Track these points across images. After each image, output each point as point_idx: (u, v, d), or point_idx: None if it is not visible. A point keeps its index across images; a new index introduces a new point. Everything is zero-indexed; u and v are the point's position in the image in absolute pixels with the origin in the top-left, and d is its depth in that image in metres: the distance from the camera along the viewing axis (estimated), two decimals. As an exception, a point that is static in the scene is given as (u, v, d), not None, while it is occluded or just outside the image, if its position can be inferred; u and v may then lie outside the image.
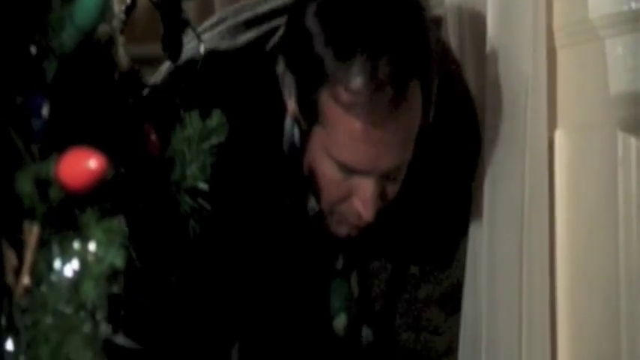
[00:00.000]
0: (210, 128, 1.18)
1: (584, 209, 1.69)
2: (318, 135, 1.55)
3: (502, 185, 1.73)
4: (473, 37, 1.78)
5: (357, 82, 1.46)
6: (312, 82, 1.51)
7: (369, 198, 1.56)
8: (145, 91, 1.27)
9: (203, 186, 1.15)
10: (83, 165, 0.95)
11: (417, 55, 1.50)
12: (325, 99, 1.50)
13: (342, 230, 1.64)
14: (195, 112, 1.20)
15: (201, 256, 1.57)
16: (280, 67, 1.57)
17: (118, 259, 0.96)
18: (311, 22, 1.51)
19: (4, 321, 0.91)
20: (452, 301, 1.78)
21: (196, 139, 1.17)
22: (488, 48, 1.74)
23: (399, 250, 1.74)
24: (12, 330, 0.91)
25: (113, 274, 0.97)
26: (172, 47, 1.47)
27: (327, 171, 1.57)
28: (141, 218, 1.57)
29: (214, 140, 1.18)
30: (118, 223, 0.99)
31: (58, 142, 0.97)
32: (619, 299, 1.54)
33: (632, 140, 1.53)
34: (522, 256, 1.71)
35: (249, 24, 1.68)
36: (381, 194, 1.58)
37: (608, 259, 1.60)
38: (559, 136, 1.73)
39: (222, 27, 1.70)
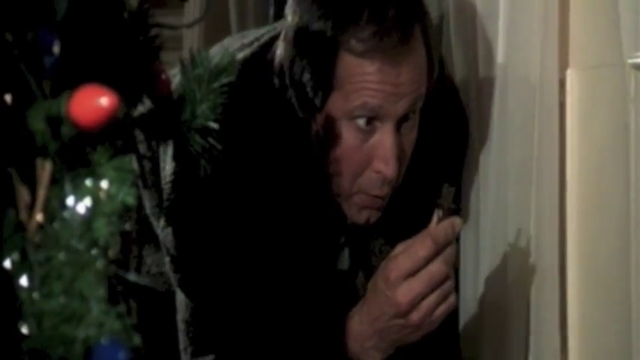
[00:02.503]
0: (221, 67, 1.18)
1: (596, 148, 1.69)
2: (334, 102, 1.61)
3: (512, 124, 1.73)
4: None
5: (368, 30, 1.57)
6: (324, 56, 1.59)
7: (389, 150, 1.60)
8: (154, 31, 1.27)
9: (213, 125, 1.15)
10: (95, 102, 0.95)
11: (416, 3, 1.63)
12: (339, 58, 1.59)
13: (362, 215, 1.67)
14: (205, 52, 1.20)
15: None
16: (286, 76, 1.63)
17: (129, 197, 0.97)
18: (307, 14, 1.60)
19: (18, 257, 0.92)
20: None
21: (206, 78, 1.17)
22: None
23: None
24: (26, 266, 0.91)
25: (125, 212, 0.97)
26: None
27: (345, 136, 1.61)
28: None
29: (224, 79, 1.18)
30: (129, 161, 0.99)
31: (70, 80, 0.98)
32: (629, 237, 1.55)
33: (645, 78, 1.53)
34: (532, 196, 1.71)
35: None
36: (400, 151, 1.62)
37: (619, 197, 1.60)
38: (571, 76, 1.73)
39: None
